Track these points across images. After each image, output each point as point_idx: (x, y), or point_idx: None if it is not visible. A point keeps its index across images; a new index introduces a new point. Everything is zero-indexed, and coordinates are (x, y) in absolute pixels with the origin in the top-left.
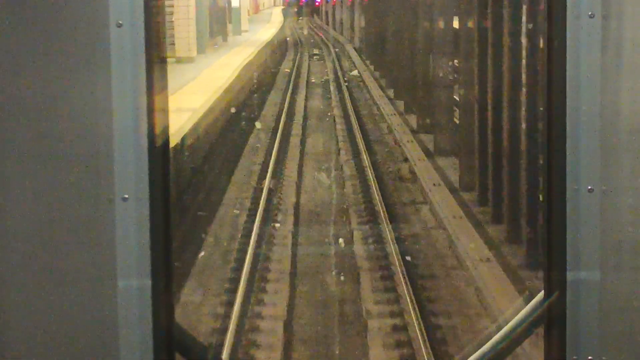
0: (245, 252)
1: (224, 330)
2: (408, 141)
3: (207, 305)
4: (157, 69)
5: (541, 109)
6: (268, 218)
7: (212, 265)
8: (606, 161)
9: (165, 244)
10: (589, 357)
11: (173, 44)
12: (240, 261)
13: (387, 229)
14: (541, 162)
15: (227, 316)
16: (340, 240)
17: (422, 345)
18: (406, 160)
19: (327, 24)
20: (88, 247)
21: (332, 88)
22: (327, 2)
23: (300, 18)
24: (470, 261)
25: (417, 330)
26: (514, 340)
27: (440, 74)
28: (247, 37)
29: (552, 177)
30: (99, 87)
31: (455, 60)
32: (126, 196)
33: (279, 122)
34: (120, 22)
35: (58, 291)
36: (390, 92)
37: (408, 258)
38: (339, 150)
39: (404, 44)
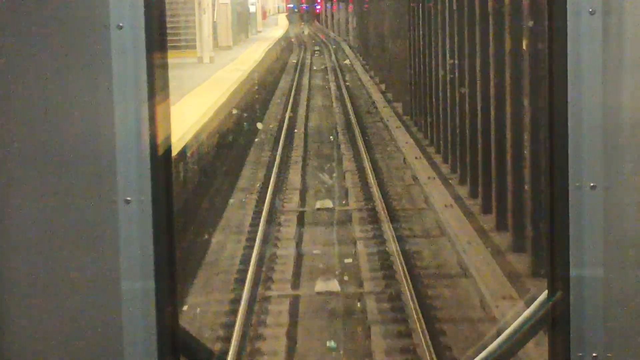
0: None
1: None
2: (375, 92)
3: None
4: (158, 71)
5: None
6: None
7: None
8: (608, 158)
9: (169, 246)
10: (594, 355)
11: (216, 38)
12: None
13: (359, 140)
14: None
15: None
16: (331, 137)
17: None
18: (374, 103)
19: (327, 27)
20: (91, 249)
21: (329, 72)
22: (327, 8)
23: (303, 23)
24: (392, 129)
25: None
26: (519, 339)
27: (401, 57)
28: (262, 36)
29: (554, 174)
30: (100, 90)
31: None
32: (129, 198)
33: (291, 90)
34: (121, 24)
35: (62, 294)
36: (372, 72)
37: (366, 138)
38: (332, 105)
39: (382, 38)
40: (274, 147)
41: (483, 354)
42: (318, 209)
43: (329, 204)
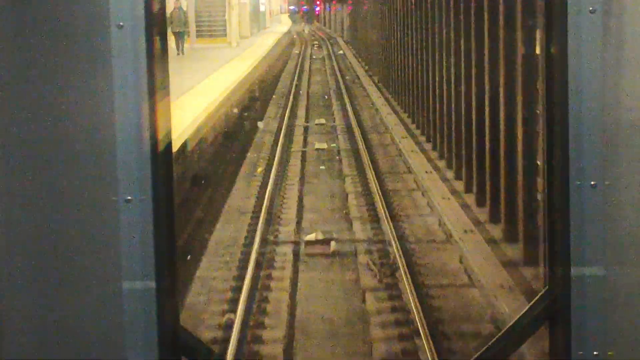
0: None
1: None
2: (360, 70)
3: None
4: (158, 70)
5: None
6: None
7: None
8: (609, 156)
9: (169, 246)
10: (595, 353)
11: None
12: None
13: (345, 96)
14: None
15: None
16: (326, 96)
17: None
18: (358, 77)
19: (325, 26)
20: (92, 249)
21: (325, 59)
22: (326, 10)
23: (304, 22)
24: (367, 88)
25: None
26: (519, 336)
27: (377, 44)
28: (270, 30)
29: (555, 173)
30: (100, 89)
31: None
32: (129, 198)
33: (296, 69)
34: (121, 23)
35: (63, 293)
36: (359, 58)
37: (349, 94)
38: (327, 80)
39: (366, 31)
40: (287, 99)
41: (483, 349)
42: (316, 124)
43: (323, 121)
